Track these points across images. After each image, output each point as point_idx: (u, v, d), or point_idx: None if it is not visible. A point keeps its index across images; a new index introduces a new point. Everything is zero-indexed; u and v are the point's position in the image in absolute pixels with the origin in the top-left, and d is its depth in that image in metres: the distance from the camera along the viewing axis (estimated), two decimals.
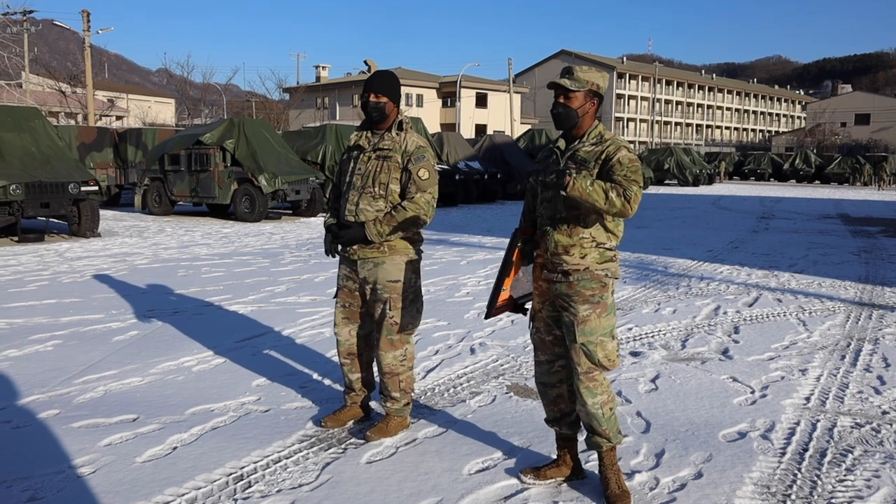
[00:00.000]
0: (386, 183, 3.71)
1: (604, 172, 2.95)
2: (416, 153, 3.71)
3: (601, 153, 3.00)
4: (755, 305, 7.31)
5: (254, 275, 8.90)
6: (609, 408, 3.11)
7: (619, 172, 2.91)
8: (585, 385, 3.06)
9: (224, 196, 16.19)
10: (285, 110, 54.24)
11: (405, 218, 3.64)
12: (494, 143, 25.12)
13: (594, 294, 3.03)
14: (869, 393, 4.64)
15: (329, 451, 3.68)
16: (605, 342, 3.04)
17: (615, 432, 3.15)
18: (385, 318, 3.76)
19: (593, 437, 3.16)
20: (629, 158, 2.96)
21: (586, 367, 3.04)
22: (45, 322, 6.31)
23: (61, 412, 4.15)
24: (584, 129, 3.09)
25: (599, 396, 3.07)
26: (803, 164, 46.33)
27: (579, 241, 3.03)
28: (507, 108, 53.88)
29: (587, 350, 3.02)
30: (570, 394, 3.25)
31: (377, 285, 3.74)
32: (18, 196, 11.47)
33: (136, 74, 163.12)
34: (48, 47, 61.19)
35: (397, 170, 3.71)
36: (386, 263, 3.73)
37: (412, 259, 3.81)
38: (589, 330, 3.02)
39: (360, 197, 3.73)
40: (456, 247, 11.77)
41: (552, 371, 3.25)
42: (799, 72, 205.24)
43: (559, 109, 3.08)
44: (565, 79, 3.04)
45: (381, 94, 3.74)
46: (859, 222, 17.44)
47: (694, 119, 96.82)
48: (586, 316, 3.02)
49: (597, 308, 3.04)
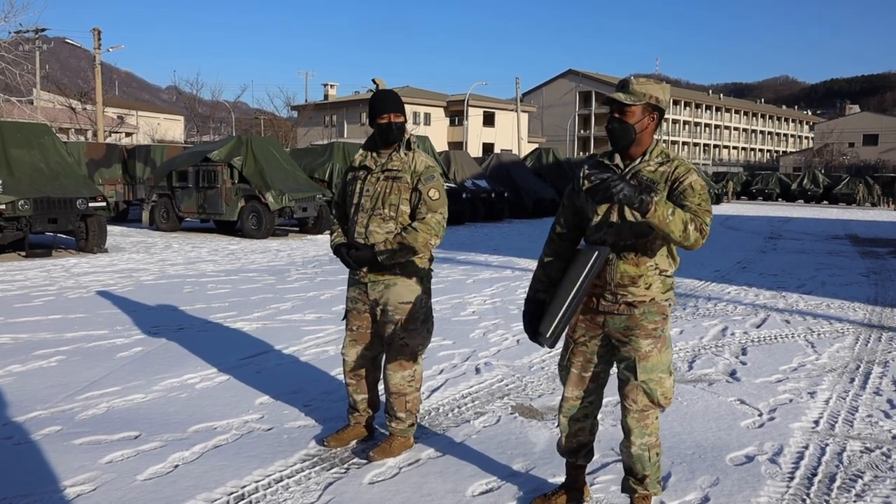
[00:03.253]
0: (396, 204, 3.66)
1: (672, 197, 2.76)
2: (425, 173, 3.67)
3: (670, 174, 2.80)
4: (763, 326, 7.25)
5: (259, 292, 8.89)
6: (655, 452, 2.96)
7: (693, 200, 2.73)
8: (637, 424, 2.91)
9: (231, 213, 16.25)
10: (293, 128, 54.58)
11: (416, 239, 3.57)
12: (501, 162, 25.19)
13: (657, 327, 2.86)
14: (879, 417, 4.58)
15: (332, 471, 3.64)
16: (664, 379, 2.88)
17: (655, 481, 2.99)
18: (395, 339, 3.73)
19: (630, 481, 3.01)
20: (701, 184, 2.77)
21: (643, 405, 2.89)
22: (50, 337, 6.30)
23: (63, 428, 4.13)
24: (644, 147, 2.86)
25: (648, 438, 2.92)
26: (811, 184, 46.21)
27: (646, 271, 2.83)
28: (515, 126, 54.02)
29: (647, 388, 2.86)
30: (592, 427, 3.13)
31: (388, 307, 3.70)
32: (27, 211, 11.52)
33: (146, 92, 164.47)
34: (59, 65, 61.81)
35: (407, 190, 3.66)
36: (398, 285, 3.69)
37: (423, 279, 3.77)
38: (651, 367, 2.85)
39: (369, 219, 3.68)
40: (462, 265, 11.75)
41: (581, 406, 3.05)
42: (807, 92, 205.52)
43: (614, 125, 2.83)
44: (620, 92, 2.81)
45: (399, 114, 3.70)
46: (868, 243, 17.35)
47: (702, 139, 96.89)
48: (648, 351, 2.85)
49: (658, 343, 2.87)
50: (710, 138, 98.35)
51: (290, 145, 42.68)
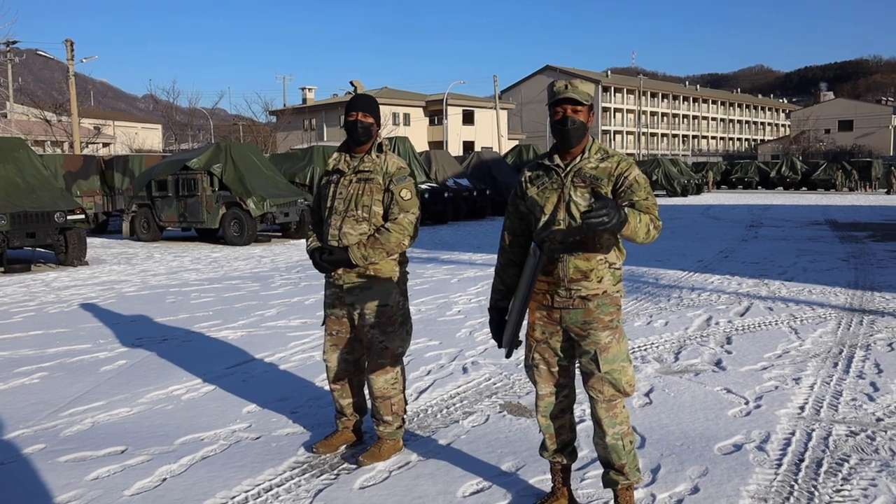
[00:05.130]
0: (369, 205, 3.68)
1: (617, 193, 2.83)
2: (397, 174, 3.69)
3: (613, 170, 2.87)
4: (747, 315, 7.30)
5: (243, 299, 8.84)
6: (629, 440, 2.99)
7: (640, 195, 2.80)
8: (606, 414, 2.94)
9: (212, 220, 16.14)
10: (272, 133, 54.26)
11: (389, 240, 3.60)
12: (482, 160, 25.21)
13: (613, 318, 2.92)
14: (863, 400, 4.63)
15: (321, 478, 3.62)
16: (625, 367, 2.93)
17: (633, 469, 3.01)
18: (374, 343, 3.72)
19: (610, 473, 3.02)
20: (644, 178, 2.85)
21: (609, 395, 2.92)
22: (32, 354, 6.22)
23: (47, 446, 4.08)
24: (584, 144, 2.95)
25: (619, 427, 2.95)
26: (789, 171, 46.60)
27: (596, 265, 2.87)
28: (494, 124, 54.12)
29: (612, 378, 2.90)
30: (571, 423, 3.16)
31: (365, 311, 3.70)
32: (4, 227, 11.38)
33: (122, 101, 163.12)
34: (33, 77, 61.18)
35: (379, 192, 3.69)
36: (373, 289, 3.70)
37: (399, 282, 3.78)
38: (612, 357, 2.90)
39: (342, 221, 3.70)
40: (446, 265, 11.75)
41: (556, 402, 3.08)
42: (781, 80, 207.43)
43: (573, 125, 2.86)
44: (573, 94, 2.85)
45: (368, 115, 3.74)
46: (847, 228, 17.53)
47: (680, 130, 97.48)
48: (608, 343, 2.90)
49: (615, 333, 2.93)
50: (689, 129, 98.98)
51: (270, 150, 42.47)
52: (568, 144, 2.91)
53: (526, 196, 3.02)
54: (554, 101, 2.88)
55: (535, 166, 3.06)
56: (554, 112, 2.90)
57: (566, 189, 2.90)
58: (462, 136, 61.07)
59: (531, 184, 3.02)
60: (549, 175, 2.97)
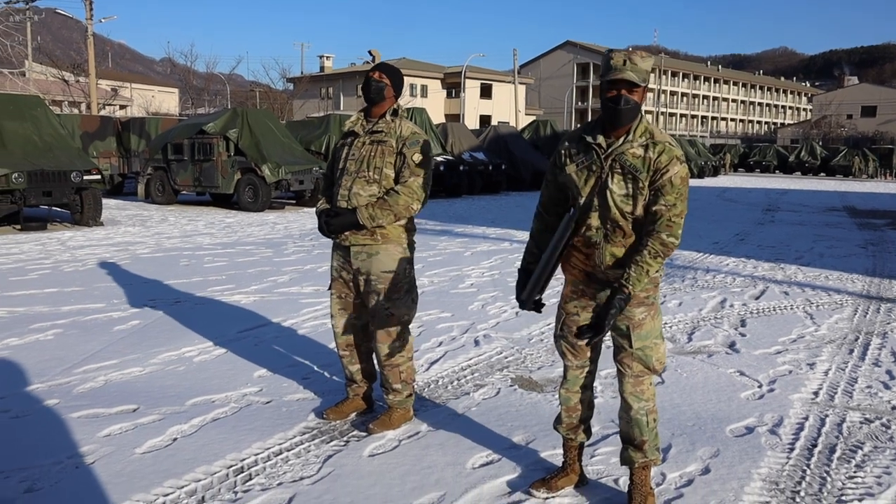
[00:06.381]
0: (380, 167, 3.66)
1: (652, 187, 2.70)
2: (410, 138, 3.67)
3: (652, 162, 2.70)
4: (762, 298, 7.24)
5: (257, 265, 8.85)
6: (653, 418, 2.96)
7: (668, 199, 2.68)
8: (633, 390, 2.91)
9: (227, 186, 16.14)
10: (289, 100, 54.11)
11: (397, 202, 3.59)
12: (499, 134, 25.01)
13: (649, 295, 2.84)
14: (878, 388, 4.58)
15: (331, 444, 3.63)
16: (657, 345, 2.89)
17: (653, 448, 2.97)
18: (380, 310, 3.71)
19: (629, 450, 2.99)
20: (681, 178, 2.69)
21: (638, 371, 2.89)
22: (46, 311, 6.26)
23: (61, 402, 4.11)
24: (632, 124, 2.74)
25: (645, 403, 2.92)
26: (809, 156, 46.08)
27: (633, 250, 2.77)
28: (512, 98, 53.68)
29: (643, 355, 2.86)
30: (590, 401, 3.12)
31: (371, 276, 3.69)
32: (21, 184, 11.42)
33: (140, 64, 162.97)
34: (51, 36, 61.15)
35: (392, 154, 3.67)
36: (380, 254, 3.68)
37: (406, 248, 3.76)
38: (644, 334, 2.85)
39: (353, 182, 3.68)
40: (460, 238, 11.71)
41: (582, 377, 3.04)
42: (805, 63, 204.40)
43: (629, 104, 2.66)
44: (630, 72, 2.62)
45: (385, 76, 3.72)
46: (866, 215, 17.34)
47: (699, 111, 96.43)
48: (642, 320, 2.84)
49: (651, 310, 2.86)
50: (708, 110, 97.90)
51: (286, 118, 42.39)
52: (617, 125, 2.72)
53: (564, 170, 2.88)
54: (609, 80, 2.67)
55: (577, 139, 2.87)
56: (608, 89, 2.69)
57: (604, 174, 2.76)
58: (479, 110, 60.68)
59: (570, 160, 2.85)
60: (587, 153, 2.81)
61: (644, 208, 2.75)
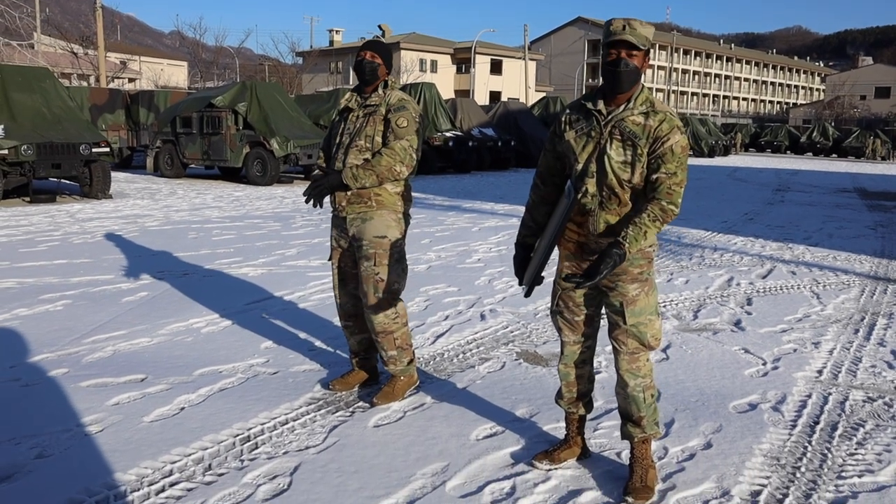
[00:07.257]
0: (371, 136, 3.70)
1: (652, 155, 2.70)
2: (397, 104, 3.70)
3: (653, 130, 2.69)
4: (769, 277, 7.23)
5: (264, 238, 8.88)
6: (651, 394, 2.95)
7: (668, 168, 2.67)
8: (629, 366, 2.90)
9: (236, 159, 16.15)
10: (298, 74, 53.95)
11: (379, 163, 3.61)
12: (509, 111, 24.88)
13: (642, 272, 2.83)
14: (882, 367, 4.58)
15: (336, 415, 3.67)
16: (653, 321, 2.87)
17: (652, 423, 2.97)
18: (371, 275, 3.72)
19: (628, 425, 2.99)
20: (682, 146, 2.68)
21: (633, 348, 2.88)
22: (56, 282, 6.32)
23: (70, 371, 4.16)
24: (632, 93, 2.75)
25: (642, 379, 2.92)
26: (821, 136, 45.64)
27: (626, 218, 2.74)
28: (522, 75, 53.32)
29: (637, 331, 2.85)
30: (591, 374, 3.14)
31: (363, 241, 3.71)
32: (30, 157, 11.46)
33: (149, 36, 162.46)
34: (60, 8, 60.90)
35: (381, 122, 3.71)
36: (374, 219, 3.71)
37: (400, 218, 3.78)
38: (639, 310, 2.84)
39: (347, 152, 3.72)
40: (468, 213, 11.71)
41: (580, 352, 3.05)
42: (819, 43, 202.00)
43: (629, 67, 2.66)
44: (629, 35, 2.65)
45: (376, 56, 3.75)
46: (876, 196, 17.22)
47: (711, 89, 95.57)
48: (636, 296, 2.83)
49: (645, 286, 2.85)
50: (720, 89, 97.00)
51: (295, 92, 42.24)
52: (617, 89, 2.71)
53: (563, 137, 2.89)
54: (609, 42, 2.69)
55: (578, 107, 2.88)
56: (607, 53, 2.71)
57: (603, 140, 2.76)
58: (489, 86, 60.32)
59: (570, 126, 2.86)
60: (587, 120, 2.81)
61: (643, 177, 2.75)
